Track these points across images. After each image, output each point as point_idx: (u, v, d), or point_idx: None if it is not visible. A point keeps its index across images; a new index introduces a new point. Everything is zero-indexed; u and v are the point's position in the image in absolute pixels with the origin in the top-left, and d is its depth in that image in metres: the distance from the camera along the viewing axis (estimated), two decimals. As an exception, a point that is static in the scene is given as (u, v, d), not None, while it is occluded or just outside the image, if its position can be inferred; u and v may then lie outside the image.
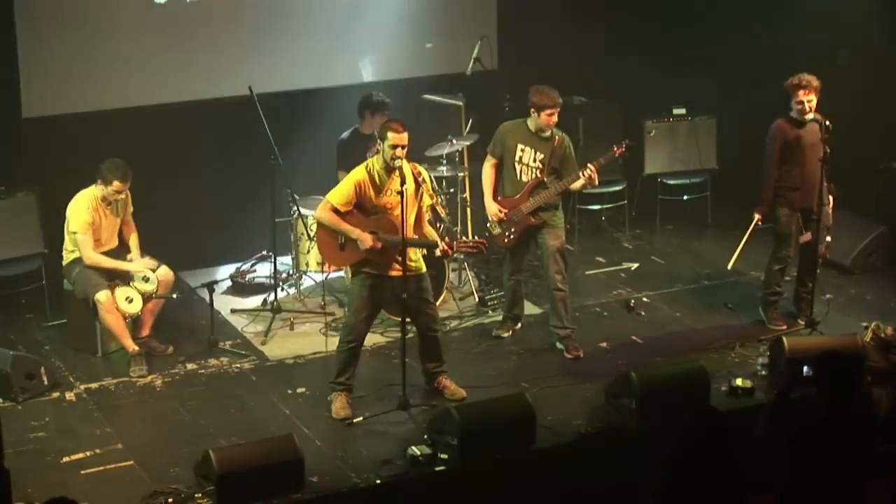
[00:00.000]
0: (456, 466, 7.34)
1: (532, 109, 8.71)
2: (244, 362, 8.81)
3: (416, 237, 7.99)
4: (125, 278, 8.73)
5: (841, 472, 6.15)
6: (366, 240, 7.85)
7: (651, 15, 11.49)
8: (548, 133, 8.74)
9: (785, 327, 9.14)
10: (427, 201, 8.08)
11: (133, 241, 8.92)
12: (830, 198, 9.01)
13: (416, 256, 8.01)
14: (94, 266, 8.66)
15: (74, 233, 8.64)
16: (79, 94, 9.69)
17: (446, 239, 8.10)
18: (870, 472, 6.25)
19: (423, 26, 10.72)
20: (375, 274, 7.96)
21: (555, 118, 8.70)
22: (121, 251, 8.87)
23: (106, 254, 8.75)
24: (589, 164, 8.66)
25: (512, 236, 8.87)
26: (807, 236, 9.05)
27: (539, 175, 8.76)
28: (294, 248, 9.74)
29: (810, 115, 8.84)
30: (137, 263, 8.79)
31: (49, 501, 5.48)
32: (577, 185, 8.77)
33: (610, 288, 10.06)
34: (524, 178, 8.80)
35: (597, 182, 8.73)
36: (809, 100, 8.79)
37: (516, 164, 8.80)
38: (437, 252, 7.98)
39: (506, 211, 8.83)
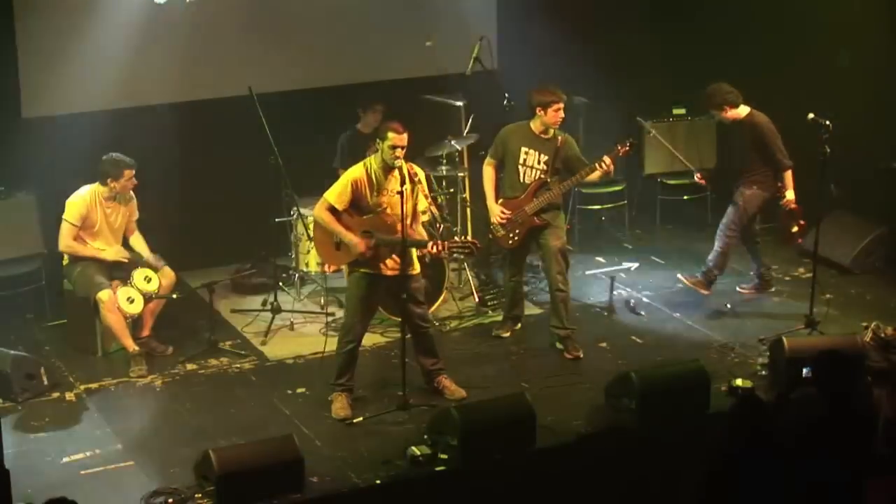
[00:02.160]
0: (456, 467, 7.34)
1: (538, 108, 8.68)
2: (244, 362, 8.81)
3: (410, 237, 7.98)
4: (126, 277, 8.73)
5: (840, 472, 6.15)
6: (358, 244, 7.87)
7: (651, 15, 11.48)
8: (550, 134, 8.74)
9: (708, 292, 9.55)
10: (423, 204, 8.07)
11: (137, 242, 8.92)
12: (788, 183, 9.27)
13: (412, 257, 8.00)
14: (69, 253, 8.67)
15: (65, 220, 8.64)
16: (78, 95, 9.67)
17: (437, 240, 8.09)
18: (869, 472, 6.25)
19: (423, 26, 10.72)
20: (371, 273, 7.97)
21: (561, 113, 8.69)
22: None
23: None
24: (605, 156, 8.65)
25: (516, 237, 8.87)
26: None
27: (543, 176, 8.76)
28: (294, 248, 9.73)
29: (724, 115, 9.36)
30: (112, 251, 8.75)
31: (49, 501, 5.48)
32: (594, 176, 8.76)
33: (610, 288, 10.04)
34: (527, 180, 8.79)
35: (612, 172, 8.76)
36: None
37: (520, 166, 8.80)
38: (429, 251, 7.95)
39: (509, 213, 8.82)
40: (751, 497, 5.82)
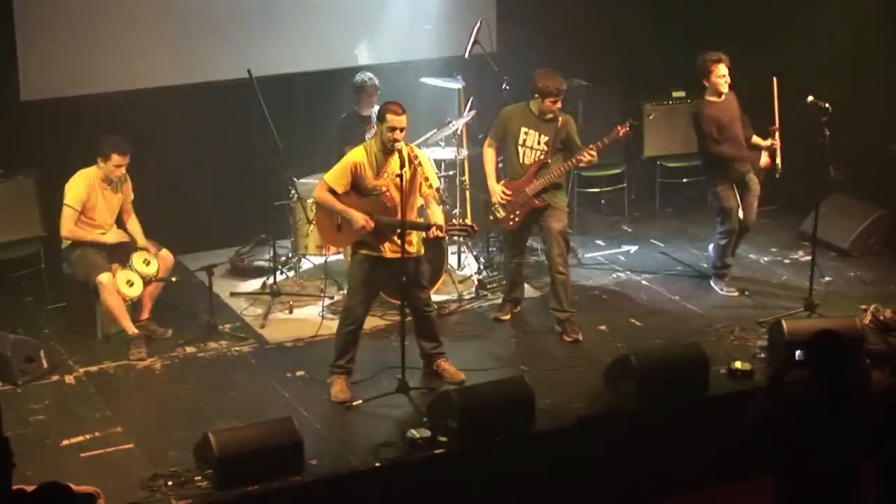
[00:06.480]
0: (455, 449, 7.35)
1: (536, 94, 8.68)
2: (243, 345, 8.82)
3: (412, 220, 7.96)
4: (125, 260, 8.73)
5: (834, 453, 6.15)
6: (358, 219, 7.85)
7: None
8: (551, 115, 8.72)
9: (737, 294, 9.46)
10: (435, 183, 8.04)
11: (133, 226, 8.92)
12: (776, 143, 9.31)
13: (415, 239, 8.00)
14: (72, 239, 8.67)
15: (66, 205, 8.64)
16: (77, 77, 9.66)
17: (438, 223, 8.08)
18: (862, 453, 6.26)
19: (422, 8, 10.69)
20: (373, 256, 7.96)
21: (558, 105, 8.68)
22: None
23: (102, 238, 8.79)
24: (592, 145, 8.64)
25: (516, 218, 8.87)
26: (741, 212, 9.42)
27: (543, 157, 8.75)
28: (293, 231, 9.73)
29: (725, 89, 9.28)
30: (112, 234, 8.77)
31: (41, 485, 5.49)
32: (584, 161, 8.74)
33: (609, 271, 10.05)
34: (527, 161, 8.78)
35: (596, 160, 8.74)
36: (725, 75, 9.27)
37: (520, 147, 8.79)
38: (430, 234, 7.95)
39: (510, 193, 8.82)
40: None
